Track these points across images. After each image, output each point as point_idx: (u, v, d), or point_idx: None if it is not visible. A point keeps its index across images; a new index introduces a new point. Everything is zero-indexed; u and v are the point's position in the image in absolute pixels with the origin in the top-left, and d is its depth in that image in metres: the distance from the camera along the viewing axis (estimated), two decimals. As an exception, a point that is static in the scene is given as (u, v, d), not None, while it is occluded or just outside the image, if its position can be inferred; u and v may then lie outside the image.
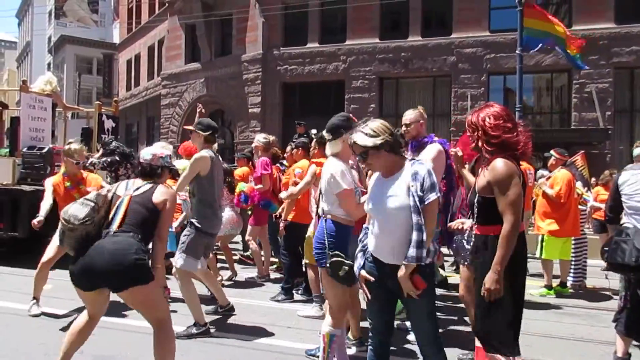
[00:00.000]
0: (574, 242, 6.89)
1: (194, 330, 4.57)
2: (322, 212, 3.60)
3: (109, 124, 9.28)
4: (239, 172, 7.75)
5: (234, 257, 7.51)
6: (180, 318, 5.03)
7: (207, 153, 4.61)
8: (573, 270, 6.95)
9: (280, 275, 6.96)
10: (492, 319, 2.91)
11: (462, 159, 3.71)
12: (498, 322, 2.90)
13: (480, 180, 2.99)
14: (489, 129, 2.92)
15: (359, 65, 19.96)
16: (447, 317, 5.44)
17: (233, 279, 6.96)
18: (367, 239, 2.99)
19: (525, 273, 3.09)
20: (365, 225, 3.05)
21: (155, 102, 27.26)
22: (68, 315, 5.15)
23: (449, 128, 18.28)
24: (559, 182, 6.64)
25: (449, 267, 7.93)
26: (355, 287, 3.59)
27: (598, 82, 17.18)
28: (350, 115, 3.71)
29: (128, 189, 3.46)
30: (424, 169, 2.81)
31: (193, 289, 4.68)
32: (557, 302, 6.34)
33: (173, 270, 4.87)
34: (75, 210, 3.21)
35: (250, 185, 7.06)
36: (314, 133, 7.96)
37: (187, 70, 24.57)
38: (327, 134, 3.67)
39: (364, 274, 2.95)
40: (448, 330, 4.94)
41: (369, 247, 2.95)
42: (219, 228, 5.00)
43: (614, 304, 5.18)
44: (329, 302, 3.57)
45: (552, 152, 7.00)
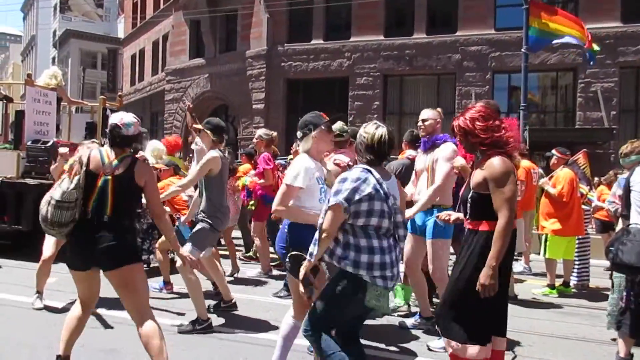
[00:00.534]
0: (578, 241, 6.87)
1: (197, 326, 4.60)
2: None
3: (113, 119, 9.29)
4: (242, 168, 7.76)
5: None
6: (184, 313, 5.05)
7: (216, 153, 4.67)
8: (576, 270, 6.94)
9: (282, 272, 6.96)
10: (460, 307, 3.02)
11: (468, 169, 3.75)
12: (467, 310, 2.99)
13: (476, 177, 3.04)
14: (480, 132, 3.00)
15: (364, 62, 19.93)
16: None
17: (235, 275, 6.96)
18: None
19: (511, 269, 3.15)
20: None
21: (159, 97, 27.28)
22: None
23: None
24: (561, 181, 6.62)
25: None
26: None
27: (603, 81, 17.11)
28: (322, 114, 3.63)
29: (106, 165, 3.30)
30: (344, 175, 2.95)
31: (198, 284, 4.71)
32: (559, 301, 6.34)
33: (177, 264, 4.89)
34: (55, 216, 3.17)
35: (252, 180, 7.07)
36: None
37: (191, 66, 24.57)
38: (298, 132, 3.61)
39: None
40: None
41: None
42: (227, 224, 5.15)
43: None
44: (294, 296, 3.52)
45: (553, 151, 6.99)
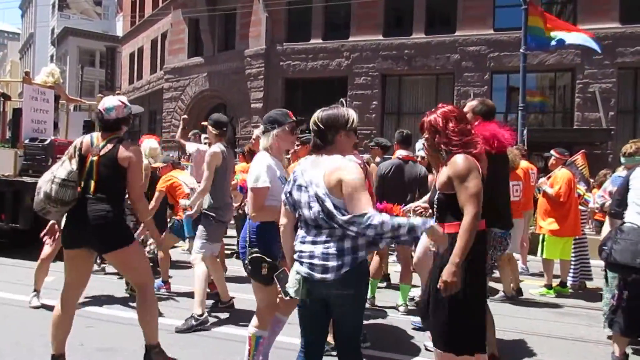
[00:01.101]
0: (575, 242, 6.89)
1: (193, 322, 4.64)
2: (248, 209, 3.47)
3: (111, 117, 9.27)
4: (239, 167, 7.76)
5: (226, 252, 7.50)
6: (181, 312, 5.05)
7: (218, 147, 4.92)
8: (572, 270, 6.95)
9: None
10: (444, 316, 2.87)
11: None
12: (453, 320, 2.85)
13: (441, 177, 2.98)
14: (451, 133, 2.93)
15: (362, 62, 19.92)
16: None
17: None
18: None
19: (485, 274, 3.05)
20: None
21: (158, 95, 27.24)
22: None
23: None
24: (559, 181, 6.65)
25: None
26: None
27: (602, 82, 17.13)
28: (288, 112, 3.61)
29: (94, 147, 3.46)
30: None
31: (205, 278, 4.87)
32: (557, 301, 6.35)
33: (191, 258, 5.12)
34: (59, 193, 3.33)
35: (243, 177, 7.08)
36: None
37: (189, 65, 24.54)
38: (261, 126, 3.62)
39: None
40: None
41: None
42: (231, 216, 5.36)
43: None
44: (258, 303, 3.47)
45: (552, 151, 7.01)
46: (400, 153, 5.65)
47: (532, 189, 7.16)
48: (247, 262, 3.30)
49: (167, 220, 6.30)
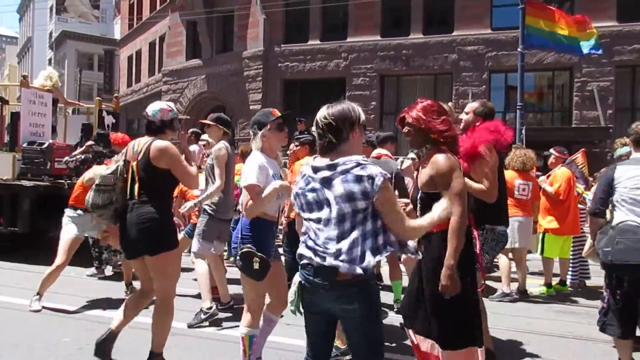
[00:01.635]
0: (574, 240, 6.89)
1: (202, 316, 4.82)
2: (241, 206, 3.49)
3: (109, 120, 9.27)
4: (237, 167, 7.75)
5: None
6: (182, 314, 5.05)
7: (223, 144, 4.99)
8: (571, 269, 6.95)
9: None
10: (441, 316, 2.87)
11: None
12: (446, 318, 2.86)
13: (422, 176, 2.96)
14: (439, 126, 2.92)
15: (360, 63, 19.93)
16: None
17: None
18: None
19: (474, 271, 3.04)
20: None
21: (156, 98, 27.15)
22: (69, 311, 5.16)
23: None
24: (559, 179, 6.67)
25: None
26: None
27: (599, 80, 17.15)
28: (273, 111, 3.61)
29: (135, 152, 3.54)
30: None
31: (206, 274, 4.99)
32: (556, 300, 6.35)
33: (190, 258, 5.20)
34: (94, 199, 3.48)
35: None
36: (314, 130, 7.93)
37: (188, 67, 24.55)
38: (250, 131, 3.63)
39: None
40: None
41: None
42: (232, 214, 5.32)
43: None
44: (248, 301, 3.47)
45: (551, 150, 7.03)
46: (377, 152, 5.59)
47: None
48: (238, 257, 3.32)
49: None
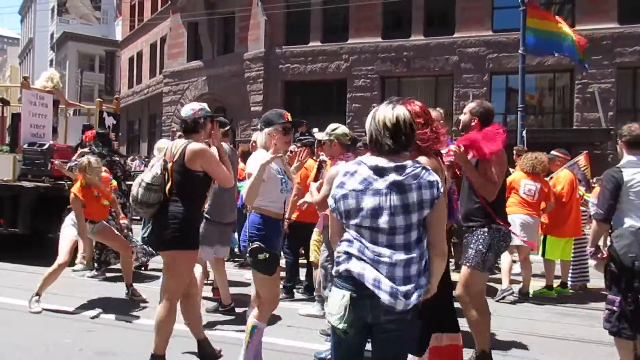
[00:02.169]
0: (575, 242, 6.88)
1: (220, 308, 5.15)
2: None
3: (110, 121, 9.26)
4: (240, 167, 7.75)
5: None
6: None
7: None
8: (572, 271, 6.94)
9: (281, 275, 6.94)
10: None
11: (464, 154, 3.71)
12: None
13: None
14: (420, 136, 2.92)
15: (361, 64, 19.93)
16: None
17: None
18: None
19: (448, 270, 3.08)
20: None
21: (157, 99, 27.25)
22: (69, 312, 5.15)
23: (451, 128, 18.25)
24: (561, 181, 6.69)
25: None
26: None
27: (601, 82, 17.14)
28: (284, 113, 3.65)
29: (172, 154, 3.63)
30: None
31: (200, 280, 4.87)
32: (557, 302, 6.33)
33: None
34: (144, 197, 3.53)
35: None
36: (316, 132, 7.92)
37: (189, 68, 24.56)
38: (259, 126, 3.70)
39: None
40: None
41: None
42: (231, 217, 5.28)
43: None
44: (261, 295, 3.55)
45: (554, 152, 7.02)
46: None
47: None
48: (247, 253, 3.40)
49: None
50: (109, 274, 6.88)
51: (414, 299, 2.20)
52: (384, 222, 2.22)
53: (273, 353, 4.13)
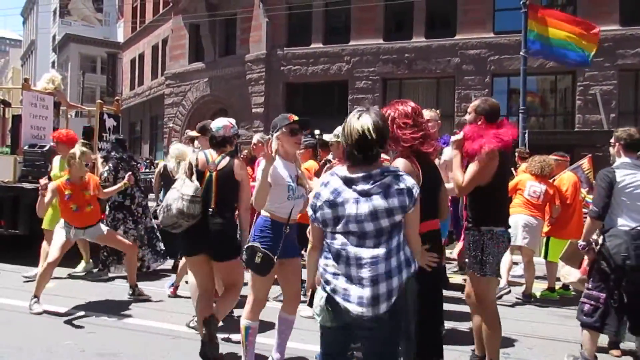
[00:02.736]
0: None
1: (191, 325, 4.83)
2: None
3: (110, 123, 9.24)
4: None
5: None
6: (183, 317, 5.03)
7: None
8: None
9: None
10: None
11: (462, 142, 3.64)
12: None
13: None
14: (407, 136, 2.95)
15: (363, 66, 19.94)
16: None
17: None
18: None
19: (439, 277, 3.11)
20: None
21: (159, 101, 27.29)
22: (70, 314, 5.15)
23: (452, 129, 18.23)
24: (565, 183, 6.70)
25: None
26: None
27: (602, 84, 17.12)
28: (289, 115, 3.71)
29: (211, 164, 3.83)
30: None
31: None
32: (560, 304, 6.32)
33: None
34: (190, 209, 3.66)
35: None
36: (318, 133, 7.92)
37: (190, 70, 24.59)
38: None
39: None
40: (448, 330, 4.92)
41: None
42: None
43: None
44: (254, 294, 3.63)
45: (553, 156, 6.98)
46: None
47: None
48: (243, 251, 3.53)
49: None
50: (111, 274, 6.89)
51: (384, 301, 2.28)
52: (354, 227, 2.33)
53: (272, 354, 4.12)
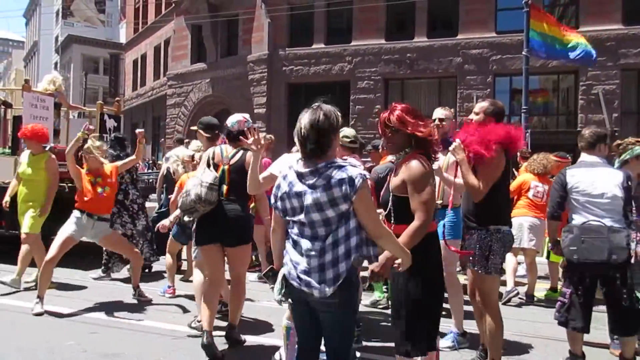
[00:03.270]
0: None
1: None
2: None
3: (111, 124, 9.25)
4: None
5: None
6: (182, 317, 5.04)
7: (211, 151, 4.88)
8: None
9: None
10: (406, 320, 2.99)
11: (462, 148, 3.65)
12: (415, 323, 2.97)
13: (395, 179, 3.00)
14: (422, 128, 2.96)
15: (365, 66, 19.93)
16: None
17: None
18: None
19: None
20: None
21: (161, 101, 27.33)
22: (72, 315, 5.16)
23: (455, 129, 18.18)
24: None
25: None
26: None
27: (605, 83, 17.08)
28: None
29: (224, 158, 4.14)
30: None
31: (198, 288, 4.79)
32: (562, 304, 6.29)
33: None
34: (207, 195, 3.92)
35: None
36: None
37: (192, 71, 24.63)
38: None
39: None
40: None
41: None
42: None
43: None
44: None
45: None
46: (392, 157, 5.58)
47: None
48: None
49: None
50: (114, 275, 6.90)
51: (330, 284, 2.46)
52: (303, 217, 2.52)
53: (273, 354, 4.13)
